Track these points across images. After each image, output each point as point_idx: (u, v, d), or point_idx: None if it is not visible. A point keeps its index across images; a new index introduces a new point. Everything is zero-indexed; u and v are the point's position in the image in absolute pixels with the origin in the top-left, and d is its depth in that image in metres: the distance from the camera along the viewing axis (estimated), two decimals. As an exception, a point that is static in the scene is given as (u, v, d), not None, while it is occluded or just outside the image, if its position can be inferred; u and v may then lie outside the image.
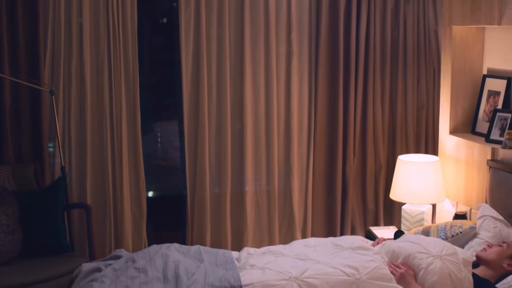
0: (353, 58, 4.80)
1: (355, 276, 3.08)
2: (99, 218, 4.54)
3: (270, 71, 4.72)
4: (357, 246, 3.40)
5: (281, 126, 4.84)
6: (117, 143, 4.51)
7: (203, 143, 4.66)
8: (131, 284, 3.13)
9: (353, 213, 4.99)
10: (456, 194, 4.40)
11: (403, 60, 4.93)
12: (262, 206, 4.87)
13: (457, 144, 4.38)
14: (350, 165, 4.90)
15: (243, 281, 3.06)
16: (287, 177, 4.88)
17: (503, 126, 4.09)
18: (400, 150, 4.96)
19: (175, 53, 4.70)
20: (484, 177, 4.05)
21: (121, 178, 4.54)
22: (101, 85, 4.46)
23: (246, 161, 4.75)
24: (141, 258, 3.39)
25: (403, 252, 3.29)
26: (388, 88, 4.93)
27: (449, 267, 3.17)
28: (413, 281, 3.15)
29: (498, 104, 4.24)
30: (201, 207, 4.72)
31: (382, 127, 4.95)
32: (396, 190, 4.49)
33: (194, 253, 3.51)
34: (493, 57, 4.39)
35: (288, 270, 3.12)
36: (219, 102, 4.69)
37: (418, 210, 4.40)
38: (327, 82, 4.82)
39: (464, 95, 4.49)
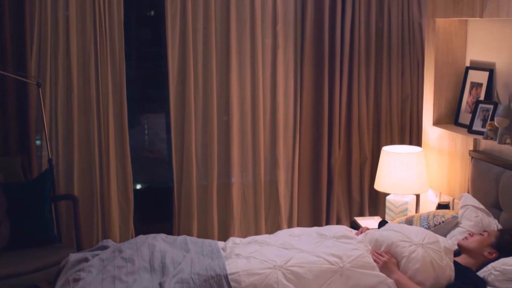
0: (338, 50, 4.84)
1: (338, 264, 3.13)
2: (86, 209, 4.56)
3: (256, 64, 4.76)
4: (340, 235, 3.45)
5: (267, 119, 4.87)
6: (104, 135, 4.54)
7: (190, 135, 4.69)
8: (118, 274, 3.17)
9: (338, 204, 5.04)
10: (439, 184, 4.47)
11: (387, 52, 4.98)
12: (249, 198, 4.91)
13: (440, 135, 4.44)
14: (336, 157, 4.95)
15: (228, 270, 3.10)
16: (273, 169, 4.93)
17: (485, 117, 4.15)
18: (384, 142, 5.02)
19: (161, 46, 4.72)
20: (466, 167, 4.12)
21: (108, 170, 4.56)
22: (88, 77, 4.47)
23: (232, 153, 4.79)
24: (128, 248, 3.43)
25: (386, 240, 3.34)
26: (372, 80, 4.98)
27: (431, 255, 3.22)
28: (395, 269, 3.20)
29: (480, 96, 4.30)
30: (188, 198, 4.76)
31: (367, 118, 5.00)
32: (381, 181, 4.55)
33: (181, 243, 3.55)
34: (475, 49, 4.45)
35: (272, 259, 3.16)
36: (205, 95, 4.72)
37: (402, 201, 4.46)
38: (313, 74, 4.86)
39: (447, 86, 4.54)
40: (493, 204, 3.79)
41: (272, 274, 3.06)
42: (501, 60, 4.17)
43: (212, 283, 3.02)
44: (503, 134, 3.83)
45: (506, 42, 4.09)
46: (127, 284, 3.08)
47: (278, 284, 3.02)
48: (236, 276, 3.05)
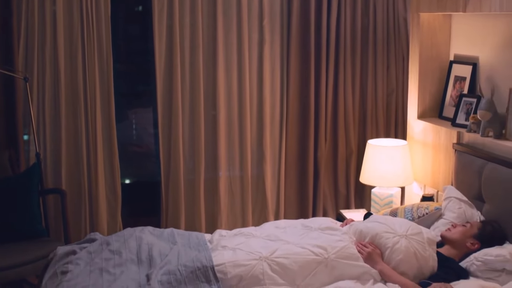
0: (324, 45, 4.88)
1: (323, 255, 3.18)
2: (74, 203, 4.59)
3: (243, 58, 4.79)
4: (325, 227, 3.50)
5: (253, 113, 4.91)
6: (92, 129, 4.56)
7: (177, 129, 4.72)
8: (106, 266, 3.20)
9: (324, 197, 5.09)
10: (423, 177, 4.52)
11: (373, 47, 5.02)
12: (236, 191, 4.95)
13: (424, 128, 4.49)
14: (322, 150, 5.00)
15: (215, 261, 3.15)
16: (259, 162, 4.97)
17: (469, 110, 4.20)
18: (370, 135, 5.06)
19: (149, 41, 4.74)
20: (450, 160, 4.17)
21: (95, 164, 4.59)
22: (75, 72, 4.49)
23: (219, 147, 4.82)
24: (115, 241, 3.46)
25: (370, 232, 3.40)
26: (358, 75, 5.02)
27: (414, 246, 3.28)
28: (379, 260, 3.26)
29: (464, 89, 4.35)
30: (175, 192, 4.79)
31: (353, 112, 5.05)
32: (366, 174, 4.59)
33: (168, 236, 3.59)
34: (459, 43, 4.50)
35: (258, 251, 3.21)
36: (192, 89, 4.75)
37: (387, 193, 4.51)
38: (299, 69, 4.90)
39: (431, 80, 4.59)
40: (476, 196, 3.84)
41: (258, 265, 3.11)
42: (484, 54, 4.22)
43: (198, 275, 3.07)
44: (485, 127, 3.88)
45: (489, 36, 4.14)
46: (115, 276, 3.11)
47: (264, 275, 3.07)
48: (222, 267, 3.10)
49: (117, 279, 3.08)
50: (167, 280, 3.03)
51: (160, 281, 3.02)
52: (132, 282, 3.06)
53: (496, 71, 4.09)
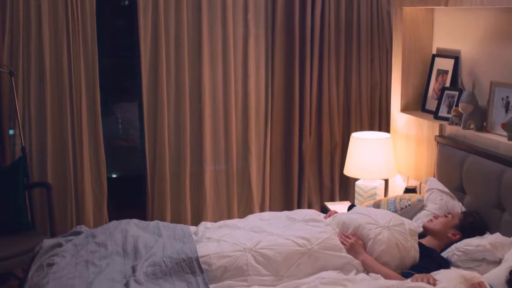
0: (308, 39, 4.91)
1: (306, 246, 3.23)
2: (60, 197, 4.59)
3: (228, 52, 4.82)
4: (309, 219, 3.55)
5: (238, 107, 4.94)
6: (77, 123, 4.56)
7: (162, 124, 4.74)
8: (91, 258, 3.23)
9: (309, 189, 5.13)
10: (407, 169, 4.57)
11: (357, 40, 5.06)
12: (221, 185, 4.98)
13: (407, 121, 4.54)
14: (307, 143, 5.04)
15: (199, 253, 3.19)
16: (245, 156, 5.00)
17: (451, 103, 4.25)
18: (354, 128, 5.10)
19: (134, 35, 4.75)
20: (432, 152, 4.22)
21: (81, 158, 4.59)
22: (61, 66, 4.49)
23: (205, 141, 4.84)
24: (101, 234, 3.50)
25: (353, 223, 3.45)
26: (342, 68, 5.06)
27: (396, 237, 3.33)
28: (362, 251, 3.31)
29: (446, 83, 4.41)
30: (161, 186, 4.81)
31: (337, 106, 5.09)
32: (350, 167, 4.64)
33: (153, 228, 3.62)
34: (441, 37, 4.55)
35: (242, 242, 3.25)
36: (178, 84, 4.77)
37: (371, 185, 4.56)
38: (283, 63, 4.94)
39: (414, 74, 4.64)
40: (457, 187, 3.90)
41: (242, 257, 3.14)
42: (465, 48, 4.27)
43: (183, 266, 3.10)
44: (467, 120, 3.94)
45: (470, 30, 4.20)
46: (100, 268, 3.14)
47: (248, 266, 3.11)
48: (207, 258, 3.14)
49: (103, 271, 3.11)
50: (152, 272, 3.06)
51: (146, 273, 3.06)
52: (118, 274, 3.10)
53: (477, 65, 4.14)
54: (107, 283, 2.98)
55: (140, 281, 2.97)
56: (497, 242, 3.28)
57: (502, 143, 3.60)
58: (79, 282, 2.97)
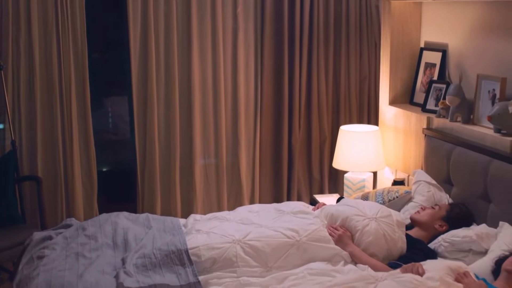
0: (297, 32, 4.94)
1: (295, 238, 3.26)
2: (50, 190, 4.60)
3: (217, 46, 4.83)
4: (298, 211, 3.58)
5: (228, 101, 4.96)
6: (67, 117, 4.57)
7: (152, 117, 4.75)
8: (81, 250, 3.25)
9: (299, 182, 5.16)
10: (395, 162, 4.61)
11: (346, 34, 5.08)
12: (211, 178, 5.00)
13: (395, 114, 4.57)
14: (296, 136, 5.06)
15: (189, 244, 3.21)
16: (234, 149, 5.02)
17: (438, 96, 4.29)
18: (343, 121, 5.14)
19: (124, 29, 4.75)
20: (420, 145, 4.26)
21: (71, 152, 4.60)
22: (50, 60, 4.49)
23: (195, 134, 4.86)
24: (91, 226, 3.52)
25: (341, 215, 3.48)
26: (331, 62, 5.09)
27: (384, 228, 3.37)
28: (350, 242, 3.34)
29: (434, 76, 4.44)
30: (151, 179, 4.82)
31: (326, 99, 5.12)
32: (339, 159, 4.67)
33: (143, 221, 3.65)
34: (429, 30, 4.58)
35: (231, 234, 3.28)
36: (167, 78, 4.78)
37: (359, 178, 4.59)
38: (273, 56, 4.96)
39: (402, 67, 4.67)
40: (444, 179, 3.94)
41: (231, 248, 3.17)
42: (453, 41, 4.31)
43: (173, 258, 3.13)
44: (454, 112, 3.98)
45: (457, 24, 4.23)
46: (90, 260, 3.16)
47: (237, 257, 3.14)
48: (196, 250, 3.16)
49: (93, 263, 3.13)
50: (142, 264, 3.09)
51: (135, 265, 3.08)
52: (108, 266, 3.12)
53: (464, 58, 4.18)
54: (97, 275, 3.00)
55: (130, 272, 3.00)
56: (483, 233, 3.33)
57: (488, 135, 3.64)
58: (70, 274, 2.99)
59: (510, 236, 3.21)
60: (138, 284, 2.91)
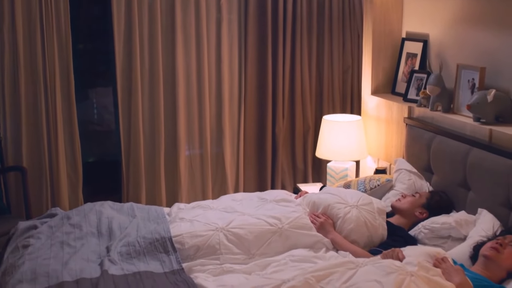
0: (281, 23, 4.97)
1: (277, 225, 3.31)
2: (36, 181, 4.62)
3: (201, 38, 4.86)
4: (280, 199, 3.63)
5: (212, 91, 4.99)
6: (52, 108, 4.57)
7: (137, 108, 4.77)
8: (66, 239, 3.29)
9: (283, 172, 5.21)
10: (377, 151, 4.66)
11: (329, 25, 5.12)
12: (196, 168, 5.03)
13: (378, 104, 4.62)
14: (280, 126, 5.11)
15: (172, 232, 3.26)
16: (219, 139, 5.06)
17: (419, 86, 4.34)
18: (327, 111, 5.19)
19: (109, 21, 4.75)
20: (402, 134, 4.31)
21: (56, 143, 4.61)
22: (34, 51, 4.49)
23: (179, 125, 4.88)
24: (76, 215, 3.55)
25: (323, 203, 3.53)
26: (315, 52, 5.13)
27: (365, 216, 3.42)
28: (331, 229, 3.39)
29: (415, 66, 4.49)
30: (136, 170, 4.85)
31: (310, 89, 5.16)
32: (322, 149, 4.72)
33: (127, 210, 3.68)
34: (411, 21, 4.62)
35: (215, 222, 3.33)
36: (152, 69, 4.80)
37: (342, 167, 4.64)
38: (256, 47, 4.99)
39: (384, 57, 4.72)
40: (425, 167, 3.99)
41: (214, 236, 3.22)
42: (434, 32, 4.36)
43: (157, 246, 3.17)
44: (434, 102, 4.03)
45: (438, 15, 4.28)
46: (75, 249, 3.20)
47: (220, 245, 3.18)
48: (180, 238, 3.21)
49: (78, 251, 3.16)
50: (126, 251, 3.13)
51: (120, 253, 3.12)
52: (92, 254, 3.16)
53: (445, 48, 4.23)
54: (82, 263, 3.04)
55: (114, 260, 3.04)
56: (462, 220, 3.39)
57: (468, 124, 3.70)
58: (55, 262, 3.02)
59: (488, 222, 3.27)
60: (123, 271, 2.95)
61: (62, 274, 2.90)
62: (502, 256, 2.92)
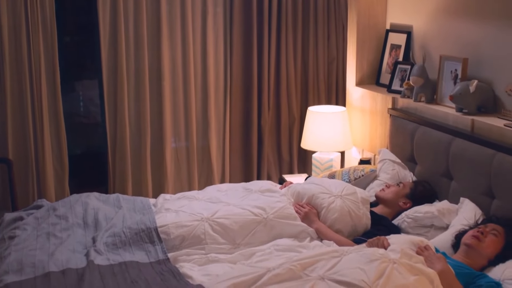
0: (266, 15, 4.99)
1: (262, 215, 3.34)
2: (22, 174, 4.61)
3: (187, 30, 4.86)
4: (265, 189, 3.66)
5: (198, 83, 5.00)
6: (37, 100, 4.56)
7: (122, 100, 4.76)
8: (52, 230, 3.30)
9: (268, 163, 5.24)
10: (362, 142, 4.70)
11: (314, 16, 5.14)
12: (182, 160, 5.04)
13: (362, 95, 4.66)
14: (265, 118, 5.13)
15: (158, 223, 3.28)
16: (205, 131, 5.07)
17: (403, 77, 4.38)
18: (312, 102, 5.21)
19: (93, 13, 4.75)
20: (386, 125, 4.35)
21: (42, 135, 4.59)
22: (19, 43, 4.47)
23: (165, 117, 4.89)
24: (62, 206, 3.57)
25: (307, 193, 3.57)
26: (300, 44, 5.15)
27: (349, 206, 3.46)
28: (316, 219, 3.43)
29: (399, 57, 4.53)
30: (122, 162, 4.85)
31: (295, 81, 5.19)
32: (307, 140, 4.75)
33: (113, 201, 3.70)
34: (395, 12, 4.66)
35: (200, 212, 3.35)
36: (137, 61, 4.79)
37: (327, 158, 4.67)
38: (242, 39, 5.01)
39: (369, 49, 4.75)
40: (409, 157, 4.04)
41: (199, 226, 3.24)
42: (417, 23, 4.39)
43: (142, 236, 3.19)
44: (418, 92, 4.07)
45: (422, 6, 4.31)
46: (61, 240, 3.21)
47: (205, 235, 3.21)
48: (165, 228, 3.23)
49: (64, 242, 3.18)
50: (112, 242, 3.15)
51: (106, 243, 3.14)
52: (78, 245, 3.18)
53: (428, 39, 4.27)
54: (68, 253, 3.06)
55: (100, 251, 3.06)
56: (444, 209, 3.44)
57: (450, 115, 3.74)
58: (41, 253, 3.04)
59: (470, 211, 3.33)
60: (109, 261, 2.97)
61: (48, 264, 2.92)
62: (483, 244, 2.97)
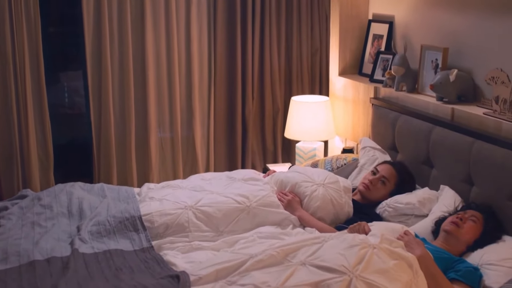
0: (250, 5, 5.00)
1: (245, 203, 3.38)
2: (7, 164, 4.61)
3: (170, 19, 4.86)
4: (248, 178, 3.70)
5: (182, 73, 5.01)
6: (21, 91, 4.55)
7: (107, 91, 4.76)
8: (37, 220, 3.33)
9: (253, 153, 5.27)
10: (345, 131, 4.75)
11: (297, 7, 5.17)
12: (166, 150, 5.06)
13: (345, 84, 4.70)
14: (249, 108, 5.16)
15: (142, 211, 3.31)
16: (189, 121, 5.08)
17: (385, 66, 4.43)
18: (296, 92, 5.24)
19: (77, 3, 4.76)
20: (368, 114, 4.40)
21: (26, 126, 4.59)
22: (3, 33, 4.46)
23: (149, 107, 4.90)
24: (47, 196, 3.59)
25: (290, 181, 3.61)
26: (284, 34, 5.18)
27: (331, 194, 3.50)
28: (298, 207, 3.47)
29: (381, 47, 4.57)
30: (107, 152, 4.85)
31: (279, 71, 5.21)
32: (291, 129, 4.79)
33: (98, 190, 3.73)
34: (377, 3, 4.70)
35: (184, 200, 3.39)
36: (121, 51, 4.80)
37: (310, 147, 4.72)
38: (226, 29, 5.03)
39: (351, 39, 4.80)
40: (390, 146, 4.09)
41: (183, 214, 3.28)
42: (399, 13, 4.44)
43: (127, 224, 3.23)
44: (399, 82, 4.12)
45: (403, -4, 4.37)
46: (46, 229, 3.24)
47: (189, 222, 3.25)
48: (149, 216, 3.26)
49: (49, 231, 3.21)
50: (96, 230, 3.18)
51: (90, 232, 3.17)
52: (63, 234, 3.21)
53: (409, 29, 4.32)
54: (53, 242, 3.08)
55: (85, 239, 3.09)
56: (424, 199, 3.49)
57: (431, 104, 3.79)
58: (26, 242, 3.07)
59: (449, 198, 3.39)
60: (93, 250, 3.01)
61: (33, 253, 2.94)
62: (462, 230, 3.04)
